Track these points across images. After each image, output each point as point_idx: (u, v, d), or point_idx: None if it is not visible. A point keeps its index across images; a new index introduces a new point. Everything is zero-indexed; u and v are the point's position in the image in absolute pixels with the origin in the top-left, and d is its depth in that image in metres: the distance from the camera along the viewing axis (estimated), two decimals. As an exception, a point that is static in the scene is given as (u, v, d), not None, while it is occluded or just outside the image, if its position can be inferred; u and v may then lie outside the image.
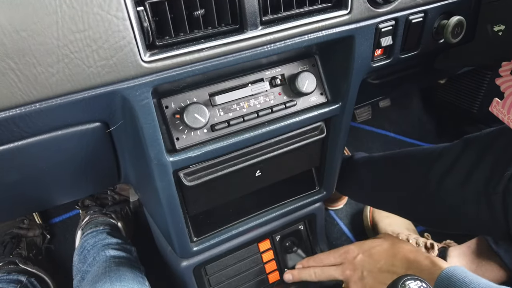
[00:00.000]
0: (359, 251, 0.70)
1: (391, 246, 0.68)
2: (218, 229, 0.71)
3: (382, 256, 0.66)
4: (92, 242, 0.90)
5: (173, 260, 0.75)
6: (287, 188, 0.78)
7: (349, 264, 0.70)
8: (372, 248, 0.69)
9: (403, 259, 0.64)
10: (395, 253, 0.66)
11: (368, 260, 0.68)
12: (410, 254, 0.64)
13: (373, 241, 0.71)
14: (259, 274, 0.83)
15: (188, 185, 0.59)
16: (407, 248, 0.66)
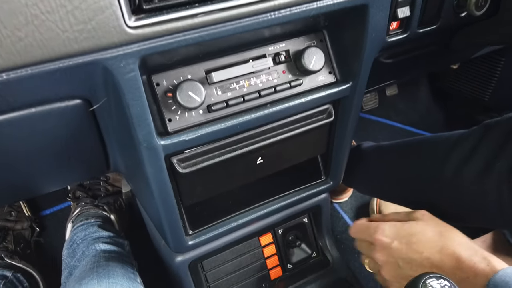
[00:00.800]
0: (394, 237, 0.57)
1: (437, 235, 0.54)
2: (216, 221, 0.65)
3: (425, 247, 0.54)
4: (82, 236, 0.84)
5: (167, 255, 0.69)
6: (291, 178, 0.72)
7: (382, 249, 0.59)
8: (411, 236, 0.55)
9: (453, 255, 0.52)
10: (443, 246, 0.53)
11: (407, 250, 0.55)
12: (462, 250, 0.51)
13: (411, 224, 0.57)
14: (260, 270, 0.77)
15: (182, 172, 0.53)
16: (459, 241, 0.53)
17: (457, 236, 0.54)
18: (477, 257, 0.51)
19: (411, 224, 0.57)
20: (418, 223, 0.56)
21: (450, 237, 0.53)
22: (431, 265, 0.53)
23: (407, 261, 0.55)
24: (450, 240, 0.53)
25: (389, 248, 0.56)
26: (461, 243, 0.53)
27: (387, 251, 0.57)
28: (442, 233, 0.54)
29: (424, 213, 0.59)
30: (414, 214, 0.59)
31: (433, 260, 0.53)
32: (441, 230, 0.55)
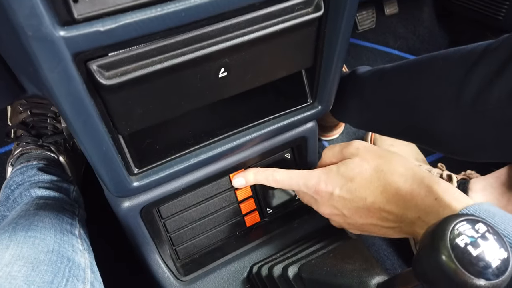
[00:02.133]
0: (332, 186, 0.49)
1: (375, 173, 0.46)
2: (171, 157, 0.50)
3: (366, 192, 0.46)
4: (19, 180, 0.70)
5: (112, 200, 0.55)
6: (268, 101, 0.57)
7: (324, 202, 0.51)
8: (351, 181, 0.47)
9: (396, 194, 0.44)
10: (384, 185, 0.45)
11: (349, 198, 0.47)
12: (406, 185, 0.43)
13: (347, 165, 0.48)
14: (233, 216, 0.64)
15: (106, 84, 0.37)
16: (399, 173, 0.44)
17: (396, 166, 0.46)
18: (422, 189, 0.42)
19: (347, 165, 0.49)
20: (354, 162, 0.48)
21: (389, 171, 0.45)
22: (379, 209, 0.45)
23: (353, 210, 0.48)
24: (390, 174, 0.45)
25: (330, 199, 0.50)
26: (402, 175, 0.44)
27: (330, 202, 0.50)
28: (380, 169, 0.46)
29: (358, 145, 0.50)
30: (347, 149, 0.51)
31: (379, 204, 0.45)
32: (378, 164, 0.46)
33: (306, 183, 0.52)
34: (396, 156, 0.47)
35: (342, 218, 0.50)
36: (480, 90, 0.53)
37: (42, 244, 0.44)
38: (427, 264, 0.29)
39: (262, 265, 0.56)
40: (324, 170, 0.51)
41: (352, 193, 0.47)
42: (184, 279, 0.59)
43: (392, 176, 0.45)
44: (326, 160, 0.54)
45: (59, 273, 0.41)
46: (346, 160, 0.50)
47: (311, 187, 0.51)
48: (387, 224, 0.45)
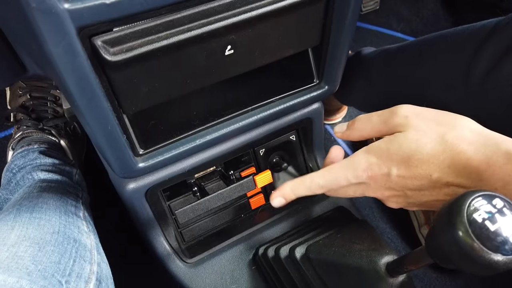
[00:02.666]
0: (388, 167, 0.40)
1: (439, 144, 0.38)
2: (176, 138, 0.50)
3: (431, 167, 0.38)
4: (21, 163, 0.69)
5: (117, 182, 0.54)
6: (274, 81, 0.56)
7: (379, 187, 0.42)
8: (409, 158, 0.39)
9: (467, 165, 0.36)
10: (453, 158, 0.37)
11: (411, 177, 0.39)
12: (478, 154, 0.36)
13: (400, 141, 0.39)
14: (239, 199, 0.64)
15: (112, 60, 0.36)
16: (468, 141, 0.37)
17: (463, 131, 0.38)
18: (500, 157, 0.35)
19: (400, 141, 0.40)
20: (407, 136, 0.39)
21: (455, 139, 0.37)
22: (447, 184, 0.38)
23: (416, 189, 0.40)
24: (457, 144, 0.37)
25: (388, 181, 0.41)
26: (471, 142, 0.37)
27: (387, 185, 0.42)
28: (444, 139, 0.38)
29: (406, 113, 0.41)
30: (393, 119, 0.41)
31: (447, 178, 0.38)
32: (439, 133, 0.38)
33: (355, 172, 0.42)
34: (459, 119, 0.39)
35: (402, 199, 0.43)
36: (490, 68, 0.52)
37: (48, 225, 0.43)
38: (443, 240, 0.29)
39: (268, 247, 0.56)
40: (371, 151, 0.42)
41: (414, 171, 0.39)
42: (189, 261, 0.59)
43: (460, 146, 0.37)
44: (363, 134, 0.45)
45: (66, 253, 0.40)
46: (395, 135, 0.40)
47: (362, 174, 0.42)
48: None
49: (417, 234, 0.83)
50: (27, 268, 0.36)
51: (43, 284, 0.35)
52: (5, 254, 0.37)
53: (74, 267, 0.40)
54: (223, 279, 0.57)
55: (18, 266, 0.36)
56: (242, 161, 0.64)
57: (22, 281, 0.34)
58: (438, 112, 0.40)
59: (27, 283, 0.34)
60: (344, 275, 0.45)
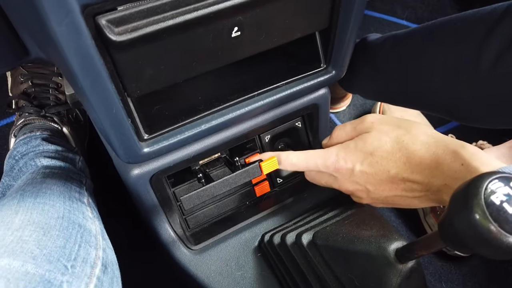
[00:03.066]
0: (352, 162, 0.47)
1: (396, 143, 0.44)
2: (181, 123, 0.49)
3: (389, 164, 0.44)
4: (23, 150, 0.68)
5: (121, 167, 0.54)
6: (280, 66, 0.55)
7: (345, 179, 0.49)
8: (371, 155, 0.45)
9: (420, 163, 0.42)
10: (408, 155, 0.43)
11: (372, 172, 0.45)
12: (429, 153, 0.41)
13: (365, 140, 0.46)
14: (244, 186, 0.63)
15: (116, 40, 0.35)
16: (421, 141, 0.43)
17: (417, 134, 0.44)
18: (448, 155, 0.40)
19: (365, 140, 0.47)
20: (371, 136, 0.46)
21: (410, 140, 0.44)
22: (403, 179, 0.44)
23: (376, 184, 0.46)
24: (411, 144, 0.43)
25: (352, 175, 0.48)
26: (424, 143, 0.43)
27: (351, 179, 0.48)
28: (401, 139, 0.44)
29: (372, 119, 0.48)
30: (362, 124, 0.49)
31: (403, 174, 0.43)
32: (397, 134, 0.45)
33: (324, 162, 0.49)
34: (415, 124, 0.45)
35: (365, 193, 0.48)
36: (501, 52, 0.51)
37: (52, 210, 0.43)
38: (458, 224, 0.28)
39: (274, 233, 0.56)
40: (342, 147, 0.49)
41: (374, 167, 0.45)
42: (194, 248, 0.58)
43: (414, 145, 0.43)
44: (339, 140, 0.51)
45: (71, 238, 0.40)
46: (363, 135, 0.47)
47: (330, 166, 0.49)
48: (413, 194, 0.44)
49: (422, 222, 0.83)
50: (32, 252, 0.35)
51: (49, 268, 0.35)
52: (9, 238, 0.36)
53: (79, 252, 0.39)
54: (228, 266, 0.57)
55: (22, 250, 0.35)
56: (247, 148, 0.63)
57: (27, 265, 0.34)
58: (398, 119, 0.47)
59: (33, 267, 0.34)
60: (352, 261, 0.44)
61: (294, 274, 0.51)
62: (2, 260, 0.33)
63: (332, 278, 0.46)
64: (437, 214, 0.79)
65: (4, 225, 0.38)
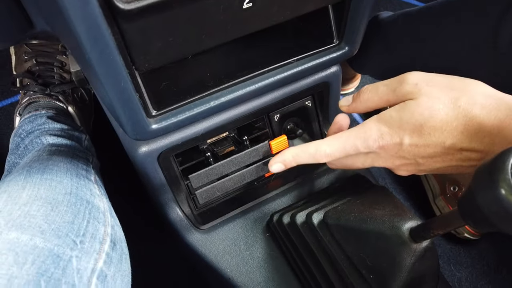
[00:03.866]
0: (400, 136, 0.39)
1: (452, 110, 0.37)
2: (190, 99, 0.48)
3: (444, 134, 0.37)
4: (29, 128, 0.67)
5: (129, 145, 0.53)
6: (291, 41, 0.53)
7: (390, 156, 0.42)
8: (421, 126, 0.38)
9: (480, 132, 0.36)
10: (465, 123, 0.36)
11: (423, 145, 0.38)
12: (489, 120, 0.35)
13: (411, 108, 0.38)
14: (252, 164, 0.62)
15: (124, 9, 0.33)
16: (481, 104, 0.36)
17: (475, 96, 0.37)
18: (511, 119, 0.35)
19: (412, 109, 0.38)
20: (420, 104, 0.38)
21: (468, 104, 0.37)
22: (460, 150, 0.38)
23: (428, 157, 0.40)
24: (469, 109, 0.36)
25: (400, 151, 0.40)
26: (484, 106, 0.36)
27: (399, 154, 0.41)
28: (456, 105, 0.37)
29: (415, 80, 0.39)
30: (403, 87, 0.40)
31: (461, 144, 0.37)
32: (452, 99, 0.37)
33: (366, 142, 0.41)
34: (471, 84, 0.38)
35: (413, 167, 0.42)
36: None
37: (59, 186, 0.42)
38: (482, 200, 0.27)
39: (283, 213, 0.55)
40: (383, 120, 0.40)
41: (426, 139, 0.38)
42: (202, 227, 0.58)
43: (472, 110, 0.36)
44: (369, 105, 0.43)
45: (79, 214, 0.39)
46: (406, 103, 0.39)
47: (373, 144, 0.41)
48: (469, 164, 0.39)
49: (432, 205, 0.82)
50: (40, 226, 0.35)
51: (57, 242, 0.34)
52: (17, 213, 0.35)
53: (88, 228, 0.38)
54: (237, 246, 0.57)
55: (30, 224, 0.34)
56: (256, 127, 0.62)
57: (35, 239, 0.33)
58: (449, 78, 0.39)
59: (41, 241, 0.33)
60: (364, 241, 0.44)
61: (304, 254, 0.51)
62: (10, 234, 0.33)
63: (343, 257, 0.46)
64: (447, 197, 0.78)
65: (11, 200, 0.37)
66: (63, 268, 0.33)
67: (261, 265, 0.55)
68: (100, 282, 0.36)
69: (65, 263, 0.34)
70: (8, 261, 0.31)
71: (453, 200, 0.77)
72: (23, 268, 0.31)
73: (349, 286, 0.45)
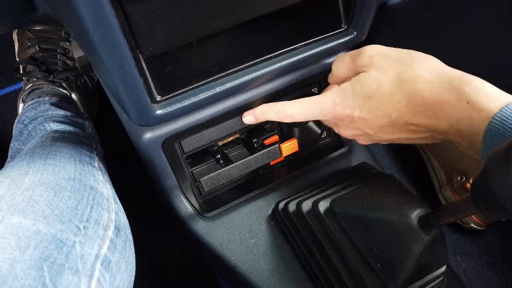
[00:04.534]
0: (351, 108, 0.42)
1: (397, 84, 0.39)
2: (195, 84, 0.47)
3: (390, 107, 0.39)
4: (32, 115, 0.67)
5: (133, 131, 0.52)
6: (298, 26, 0.52)
7: (345, 126, 0.46)
8: (370, 99, 0.40)
9: (423, 104, 0.37)
10: (409, 97, 0.38)
11: (371, 118, 0.41)
12: (431, 95, 0.37)
13: (362, 81, 0.41)
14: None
15: (128, -11, 0.33)
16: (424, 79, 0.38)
17: (420, 70, 0.38)
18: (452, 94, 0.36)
19: (362, 81, 0.41)
20: (369, 75, 0.41)
21: (412, 78, 0.38)
22: (406, 123, 0.40)
23: (377, 129, 0.43)
24: (413, 83, 0.38)
25: (351, 122, 0.44)
26: (427, 81, 0.38)
27: (351, 125, 0.45)
28: (401, 78, 0.39)
29: (371, 52, 0.42)
30: (359, 59, 0.42)
31: (405, 118, 0.39)
32: (397, 72, 0.39)
33: (322, 110, 0.45)
34: (418, 57, 0.40)
35: (367, 137, 0.45)
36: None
37: (63, 172, 0.41)
38: (497, 186, 0.26)
39: (289, 201, 0.54)
40: (338, 91, 0.44)
41: (374, 112, 0.41)
42: (207, 215, 0.57)
43: (416, 84, 0.38)
44: (339, 74, 0.47)
45: (83, 200, 0.39)
46: (360, 75, 0.42)
47: (328, 114, 0.45)
48: (418, 136, 0.41)
49: (438, 195, 0.81)
50: (43, 212, 0.34)
51: (61, 228, 0.34)
52: (19, 198, 0.35)
53: (92, 214, 0.38)
54: (241, 234, 0.56)
55: (33, 209, 0.34)
56: (265, 129, 0.61)
57: (38, 223, 0.33)
58: (401, 51, 0.41)
59: (44, 226, 0.33)
60: (372, 229, 0.43)
61: (309, 242, 0.50)
62: (13, 218, 0.32)
63: (350, 246, 0.45)
64: (454, 187, 0.77)
65: (14, 185, 0.37)
66: (66, 254, 0.33)
67: (266, 253, 0.55)
68: (104, 268, 0.36)
69: (68, 249, 0.33)
70: (10, 245, 0.30)
71: (460, 190, 0.76)
72: (26, 253, 0.31)
73: (356, 275, 0.44)
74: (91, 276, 0.34)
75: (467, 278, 0.75)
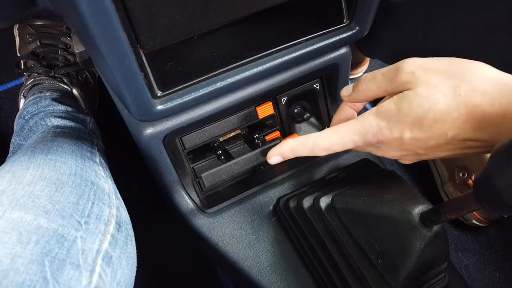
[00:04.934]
0: (399, 131, 0.37)
1: (453, 99, 0.34)
2: (195, 79, 0.46)
3: (446, 125, 0.35)
4: (33, 110, 0.67)
5: (133, 127, 0.52)
6: (300, 21, 0.52)
7: (391, 149, 0.40)
8: (422, 119, 0.36)
9: (484, 121, 0.33)
10: (468, 113, 0.34)
11: (425, 138, 0.37)
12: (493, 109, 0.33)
13: (409, 100, 0.36)
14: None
15: (128, -17, 0.32)
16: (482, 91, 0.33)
17: (477, 82, 0.34)
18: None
19: (410, 100, 0.36)
20: (418, 94, 0.36)
21: (469, 92, 0.34)
22: (464, 140, 0.36)
23: (430, 148, 0.38)
24: (471, 97, 0.34)
25: (401, 144, 0.39)
26: (486, 93, 0.33)
27: (400, 147, 0.39)
28: (457, 92, 0.34)
29: (412, 68, 0.37)
30: (400, 76, 0.37)
31: (464, 135, 0.35)
32: (452, 87, 0.35)
33: (364, 136, 0.40)
34: (470, 68, 0.35)
35: (415, 157, 0.41)
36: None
37: (64, 167, 0.41)
38: (500, 183, 0.26)
39: (290, 197, 0.54)
40: (381, 114, 0.38)
41: (427, 132, 0.36)
42: (208, 211, 0.57)
43: (474, 99, 0.34)
44: (369, 94, 0.42)
45: (84, 195, 0.39)
46: (404, 94, 0.37)
47: (372, 139, 0.39)
48: (474, 151, 0.37)
49: (440, 191, 0.81)
50: (44, 207, 0.34)
51: (62, 223, 0.34)
52: (20, 192, 0.35)
53: (93, 209, 0.38)
54: (243, 229, 0.56)
55: (34, 204, 0.34)
56: (267, 125, 0.61)
57: (39, 218, 0.33)
58: (447, 62, 0.37)
59: (45, 221, 0.33)
60: (373, 226, 0.43)
61: (311, 238, 0.50)
62: (14, 213, 0.32)
63: (351, 242, 0.45)
64: (455, 183, 0.77)
65: (15, 180, 0.37)
66: (67, 249, 0.33)
67: (267, 249, 0.55)
68: (105, 263, 0.36)
69: (69, 244, 0.33)
70: (11, 240, 0.30)
71: (462, 186, 0.76)
72: (27, 248, 0.31)
73: (357, 271, 0.44)
74: (92, 271, 0.34)
75: (468, 275, 0.75)
